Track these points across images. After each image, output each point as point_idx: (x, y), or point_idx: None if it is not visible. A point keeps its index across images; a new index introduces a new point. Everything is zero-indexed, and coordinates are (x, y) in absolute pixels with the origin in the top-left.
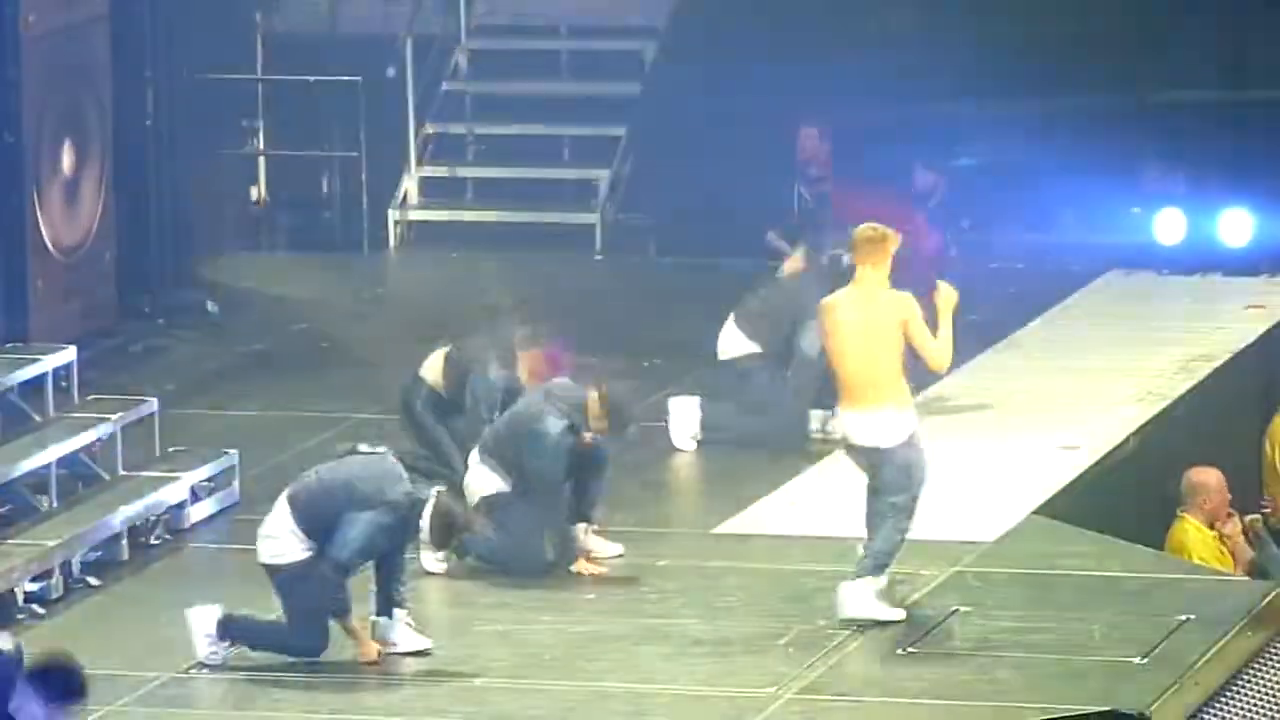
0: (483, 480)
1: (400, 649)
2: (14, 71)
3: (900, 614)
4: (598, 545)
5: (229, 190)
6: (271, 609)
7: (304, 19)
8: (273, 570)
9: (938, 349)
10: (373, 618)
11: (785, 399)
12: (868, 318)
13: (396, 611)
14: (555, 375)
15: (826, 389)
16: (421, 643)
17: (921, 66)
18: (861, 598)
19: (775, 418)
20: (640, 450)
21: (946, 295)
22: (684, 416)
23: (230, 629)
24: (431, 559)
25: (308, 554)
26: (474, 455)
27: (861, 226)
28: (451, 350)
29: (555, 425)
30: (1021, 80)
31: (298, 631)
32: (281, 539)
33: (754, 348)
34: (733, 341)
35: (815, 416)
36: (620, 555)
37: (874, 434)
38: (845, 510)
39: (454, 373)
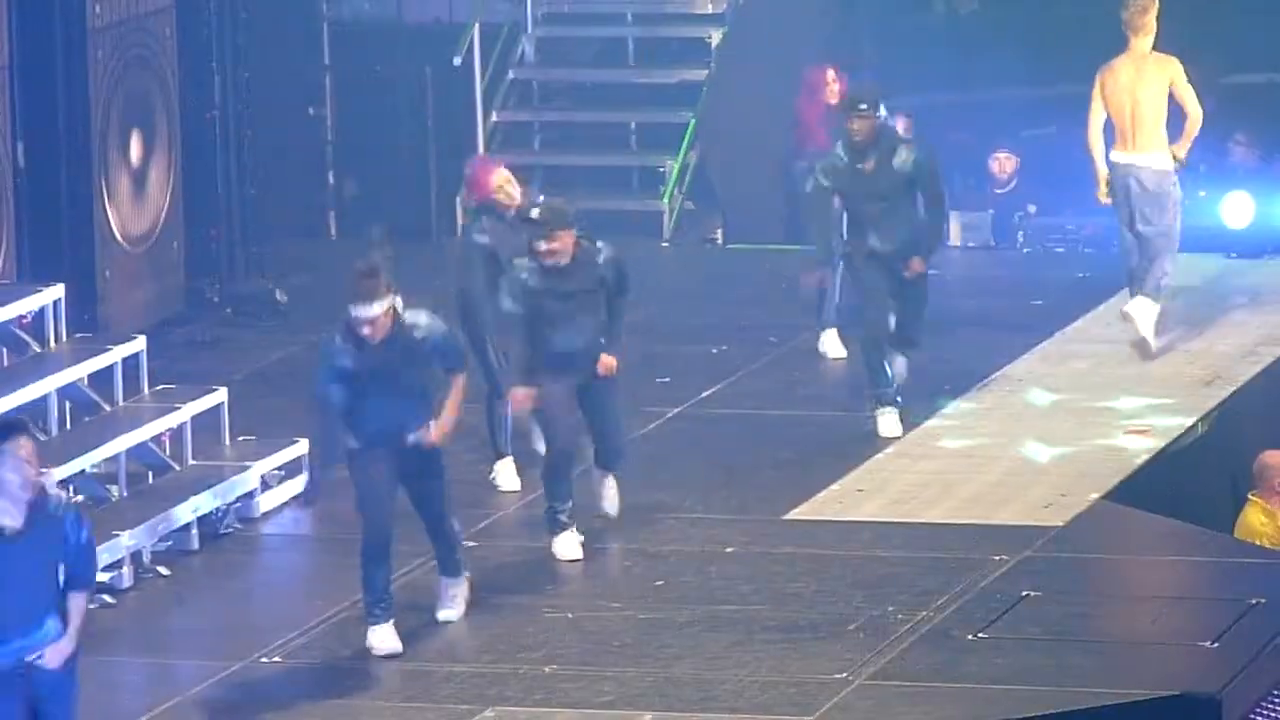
0: None
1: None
2: (81, 63)
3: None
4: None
5: (296, 179)
6: (337, 598)
7: (370, 7)
8: None
9: (1197, 106)
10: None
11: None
12: (1140, 75)
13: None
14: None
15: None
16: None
17: (987, 49)
18: (1147, 315)
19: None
20: (710, 437)
21: None
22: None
23: None
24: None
25: None
26: None
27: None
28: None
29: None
30: (1088, 63)
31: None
32: None
33: None
34: None
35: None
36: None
37: (1141, 168)
38: (914, 496)
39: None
